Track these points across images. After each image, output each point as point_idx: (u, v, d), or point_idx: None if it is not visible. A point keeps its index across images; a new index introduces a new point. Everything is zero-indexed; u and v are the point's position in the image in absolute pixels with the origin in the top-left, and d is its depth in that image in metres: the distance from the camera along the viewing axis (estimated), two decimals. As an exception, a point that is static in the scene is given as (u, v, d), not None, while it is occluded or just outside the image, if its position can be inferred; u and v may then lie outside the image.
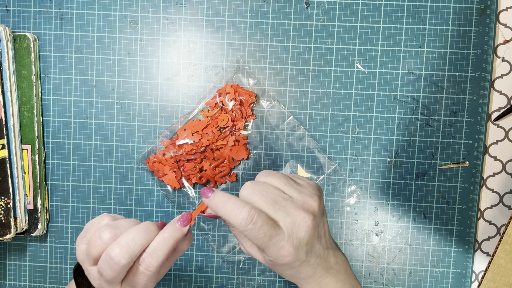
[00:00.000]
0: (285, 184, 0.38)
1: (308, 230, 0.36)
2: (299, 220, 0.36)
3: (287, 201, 0.37)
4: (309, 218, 0.36)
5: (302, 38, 0.51)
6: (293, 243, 0.36)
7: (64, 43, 0.52)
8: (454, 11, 0.50)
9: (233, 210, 0.35)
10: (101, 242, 0.34)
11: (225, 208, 0.35)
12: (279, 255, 0.36)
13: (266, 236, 0.35)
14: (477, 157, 0.51)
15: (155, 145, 0.52)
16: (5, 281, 0.54)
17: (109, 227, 0.35)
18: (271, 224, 0.35)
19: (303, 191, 0.38)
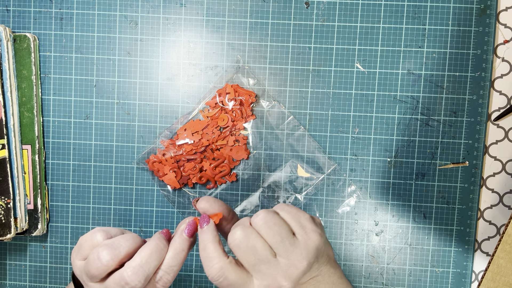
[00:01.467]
0: (277, 243, 0.35)
1: (300, 271, 0.35)
2: (275, 286, 0.35)
3: (270, 265, 0.35)
4: (288, 285, 0.35)
5: (302, 38, 0.51)
6: (286, 276, 0.35)
7: (64, 43, 0.52)
8: (454, 11, 0.50)
9: (208, 259, 0.35)
10: (101, 264, 0.33)
11: (203, 252, 0.36)
12: (267, 285, 0.35)
13: (253, 260, 0.35)
14: (477, 157, 0.51)
15: (155, 145, 0.52)
16: (5, 281, 0.54)
17: (107, 247, 0.34)
18: (240, 282, 0.35)
19: (294, 253, 0.36)
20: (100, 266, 0.34)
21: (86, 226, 0.54)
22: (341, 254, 0.53)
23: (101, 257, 0.33)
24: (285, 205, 0.38)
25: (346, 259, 0.53)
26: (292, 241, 0.36)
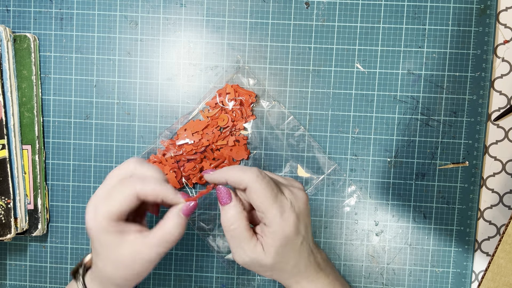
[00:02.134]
0: (278, 178, 0.41)
1: (305, 203, 0.39)
2: (296, 192, 0.39)
3: (281, 183, 0.39)
4: (303, 194, 0.39)
5: (302, 38, 0.51)
6: (295, 210, 0.38)
7: (64, 43, 0.52)
8: (454, 11, 0.50)
9: (242, 169, 0.37)
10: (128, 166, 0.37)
11: (233, 170, 0.37)
12: (284, 218, 0.37)
13: (273, 192, 0.37)
14: (477, 157, 0.51)
15: (155, 145, 0.52)
16: (5, 281, 0.55)
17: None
18: (276, 186, 0.38)
19: (289, 181, 0.41)
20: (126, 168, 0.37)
21: (86, 226, 0.54)
22: (341, 254, 0.53)
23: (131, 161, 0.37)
24: None
25: (346, 259, 0.53)
26: (288, 186, 0.40)
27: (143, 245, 0.37)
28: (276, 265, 0.39)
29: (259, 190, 0.36)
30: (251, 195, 0.37)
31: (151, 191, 0.36)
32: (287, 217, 0.37)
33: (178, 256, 0.54)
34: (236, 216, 0.37)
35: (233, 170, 0.37)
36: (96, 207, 0.36)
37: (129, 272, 0.37)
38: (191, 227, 0.53)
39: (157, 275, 0.54)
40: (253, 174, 0.36)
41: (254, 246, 0.38)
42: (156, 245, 0.37)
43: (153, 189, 0.36)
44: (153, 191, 0.36)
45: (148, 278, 0.54)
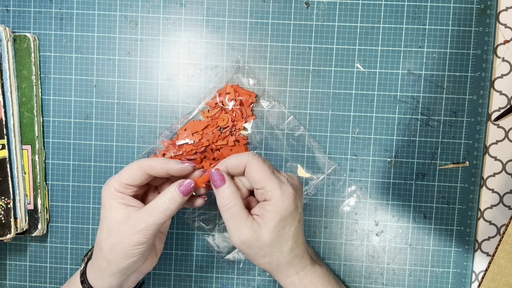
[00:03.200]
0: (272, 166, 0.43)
1: (299, 182, 0.42)
2: (291, 174, 0.42)
3: (276, 173, 0.41)
4: (296, 176, 0.42)
5: (302, 38, 0.51)
6: (292, 185, 0.40)
7: (64, 43, 0.52)
8: (454, 11, 0.50)
9: (238, 154, 0.40)
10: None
11: (230, 157, 0.40)
12: (283, 190, 0.39)
13: (270, 167, 0.40)
14: (477, 157, 0.51)
15: (155, 145, 0.52)
16: (5, 281, 0.54)
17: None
18: (271, 165, 0.41)
19: (283, 173, 0.42)
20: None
21: (86, 226, 0.54)
22: (341, 254, 0.53)
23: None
24: None
25: (346, 259, 0.53)
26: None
27: (136, 213, 0.39)
28: (274, 245, 0.39)
29: (256, 165, 0.39)
30: (250, 172, 0.39)
31: (155, 162, 0.40)
32: (286, 189, 0.39)
33: (178, 256, 0.54)
34: (231, 195, 0.39)
35: (230, 157, 0.41)
36: (110, 180, 0.41)
37: (120, 241, 0.39)
38: (191, 227, 0.53)
39: (157, 275, 0.54)
40: (249, 154, 0.40)
41: (251, 224, 0.39)
42: (147, 215, 0.39)
43: (157, 161, 0.40)
44: (157, 162, 0.40)
45: (148, 278, 0.54)
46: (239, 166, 0.40)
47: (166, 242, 0.53)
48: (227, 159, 0.41)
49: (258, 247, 0.39)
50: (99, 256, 0.41)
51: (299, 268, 0.42)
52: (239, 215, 0.39)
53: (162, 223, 0.39)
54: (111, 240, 0.39)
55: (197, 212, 0.53)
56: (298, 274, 0.42)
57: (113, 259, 0.39)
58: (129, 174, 0.40)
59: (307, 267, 0.43)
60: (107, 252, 0.40)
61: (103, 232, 0.40)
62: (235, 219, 0.39)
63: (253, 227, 0.39)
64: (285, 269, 0.41)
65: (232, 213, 0.39)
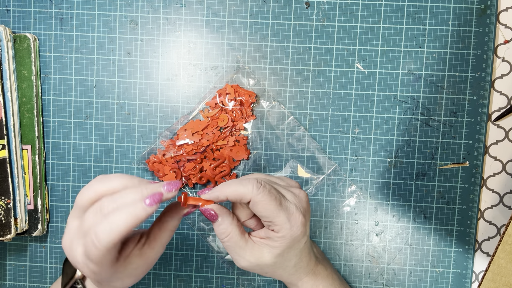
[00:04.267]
0: (280, 185, 0.40)
1: (307, 202, 0.39)
2: (297, 193, 0.39)
3: (284, 199, 0.38)
4: (303, 193, 0.39)
5: (302, 38, 0.51)
6: (301, 211, 0.38)
7: (64, 43, 0.52)
8: (454, 11, 0.50)
9: (241, 183, 0.36)
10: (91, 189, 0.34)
11: (232, 186, 0.36)
12: (292, 223, 0.37)
13: (277, 200, 0.36)
14: (477, 157, 0.51)
15: (155, 145, 0.52)
16: (5, 281, 0.54)
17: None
18: (278, 191, 0.37)
19: (294, 189, 0.40)
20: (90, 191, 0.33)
21: (86, 226, 0.53)
22: (341, 254, 0.53)
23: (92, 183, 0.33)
24: None
25: (346, 259, 0.53)
26: (287, 188, 0.40)
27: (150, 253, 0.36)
28: (277, 265, 0.39)
29: (262, 201, 0.36)
30: (255, 207, 0.37)
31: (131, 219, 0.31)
32: (295, 220, 0.37)
33: (178, 256, 0.54)
34: (227, 228, 0.38)
35: (231, 185, 0.36)
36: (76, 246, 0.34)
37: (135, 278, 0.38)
38: (191, 227, 0.53)
39: (157, 275, 0.54)
40: (253, 186, 0.36)
41: (251, 251, 0.38)
42: (158, 251, 0.37)
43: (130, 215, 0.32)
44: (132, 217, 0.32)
45: (148, 278, 0.54)
46: (242, 199, 0.36)
47: (166, 242, 0.53)
48: (229, 186, 0.36)
49: (260, 268, 0.39)
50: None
51: (302, 275, 0.42)
52: (237, 246, 0.38)
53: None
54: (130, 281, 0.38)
55: (197, 212, 0.53)
56: (301, 280, 0.42)
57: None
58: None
59: (310, 272, 0.43)
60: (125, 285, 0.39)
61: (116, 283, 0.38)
62: (234, 249, 0.38)
63: (254, 254, 0.38)
64: (287, 279, 0.42)
65: (230, 245, 0.38)
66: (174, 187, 0.33)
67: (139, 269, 0.36)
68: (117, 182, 0.33)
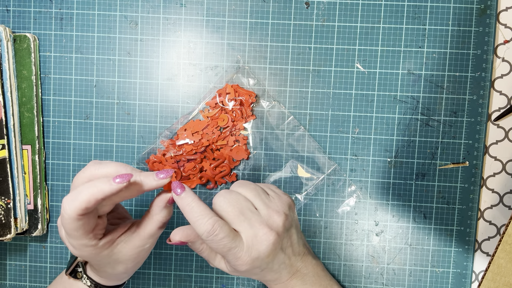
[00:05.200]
0: (255, 196, 0.39)
1: (269, 245, 0.37)
2: (261, 234, 0.37)
3: (253, 214, 0.38)
4: (271, 234, 0.37)
5: (302, 38, 0.51)
6: (251, 255, 0.37)
7: (64, 43, 0.52)
8: (454, 11, 0.50)
9: (198, 218, 0.36)
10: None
11: (192, 213, 0.36)
12: (237, 264, 0.37)
13: (225, 247, 0.36)
14: (477, 157, 0.51)
15: (155, 145, 0.52)
16: (5, 281, 0.54)
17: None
18: (232, 236, 0.36)
19: (271, 205, 0.39)
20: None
21: (86, 226, 0.54)
22: (341, 254, 0.53)
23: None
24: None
25: (346, 259, 0.53)
26: (267, 197, 0.40)
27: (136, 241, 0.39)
28: (236, 274, 0.41)
29: (209, 244, 0.37)
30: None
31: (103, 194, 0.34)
32: (241, 262, 0.37)
33: (178, 256, 0.54)
34: (197, 248, 0.40)
35: (192, 213, 0.36)
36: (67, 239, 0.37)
37: (125, 266, 0.40)
38: (191, 227, 0.53)
39: (157, 275, 0.54)
40: (205, 231, 0.36)
41: (218, 262, 0.41)
42: (146, 241, 0.39)
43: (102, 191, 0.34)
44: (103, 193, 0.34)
45: (148, 278, 0.54)
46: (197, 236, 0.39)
47: (166, 242, 0.53)
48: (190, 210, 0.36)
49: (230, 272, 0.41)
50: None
51: (273, 284, 0.42)
52: (208, 257, 0.41)
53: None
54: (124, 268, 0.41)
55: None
56: (277, 286, 0.42)
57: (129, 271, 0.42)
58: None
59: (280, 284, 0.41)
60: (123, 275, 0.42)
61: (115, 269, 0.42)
62: (207, 258, 0.41)
63: (220, 265, 0.41)
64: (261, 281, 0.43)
65: (204, 256, 0.41)
66: (165, 174, 0.36)
67: (127, 257, 0.39)
68: (111, 168, 0.36)
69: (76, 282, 0.43)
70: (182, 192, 0.36)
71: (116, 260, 0.39)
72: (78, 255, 0.37)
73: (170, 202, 0.38)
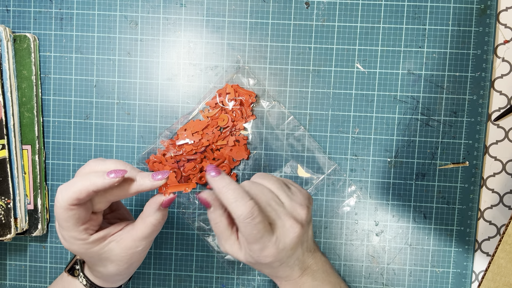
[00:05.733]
0: (279, 188, 0.39)
1: (294, 237, 0.37)
2: (288, 226, 0.37)
3: (279, 206, 0.38)
4: (297, 226, 0.37)
5: (302, 38, 0.51)
6: (278, 246, 0.37)
7: (64, 43, 0.52)
8: (454, 11, 0.50)
9: (237, 200, 0.35)
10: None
11: (229, 194, 0.36)
12: (262, 254, 0.37)
13: (259, 233, 0.36)
14: (477, 157, 0.51)
15: (155, 145, 0.52)
16: (5, 281, 0.54)
17: None
18: (266, 223, 0.36)
19: (294, 198, 0.39)
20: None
21: (86, 226, 0.54)
22: (341, 254, 0.53)
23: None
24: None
25: (346, 259, 0.53)
26: (289, 189, 0.39)
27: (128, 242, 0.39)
28: (250, 263, 0.40)
29: (243, 228, 0.36)
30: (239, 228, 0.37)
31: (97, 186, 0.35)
32: (267, 253, 0.37)
33: (178, 256, 0.54)
34: (216, 218, 0.39)
35: (229, 194, 0.36)
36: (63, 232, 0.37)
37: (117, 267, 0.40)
38: (191, 227, 0.53)
39: (157, 275, 0.54)
40: (244, 212, 0.35)
41: (231, 244, 0.39)
42: (138, 243, 0.39)
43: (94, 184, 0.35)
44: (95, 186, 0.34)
45: (148, 278, 0.54)
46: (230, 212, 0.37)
47: (166, 242, 0.53)
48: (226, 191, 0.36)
49: (238, 259, 0.40)
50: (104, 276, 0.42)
51: (281, 279, 0.41)
52: (221, 234, 0.39)
53: None
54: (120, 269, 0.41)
55: (197, 212, 0.53)
56: (281, 284, 0.41)
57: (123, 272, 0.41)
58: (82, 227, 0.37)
59: (291, 280, 0.41)
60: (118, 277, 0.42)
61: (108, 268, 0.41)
62: (219, 236, 0.40)
63: (232, 248, 0.39)
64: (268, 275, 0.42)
65: (217, 232, 0.40)
66: (162, 175, 0.36)
67: (118, 257, 0.38)
68: (111, 165, 0.36)
69: (73, 280, 0.43)
70: (217, 175, 0.36)
71: (107, 258, 0.39)
72: (67, 248, 0.38)
73: (164, 206, 0.38)
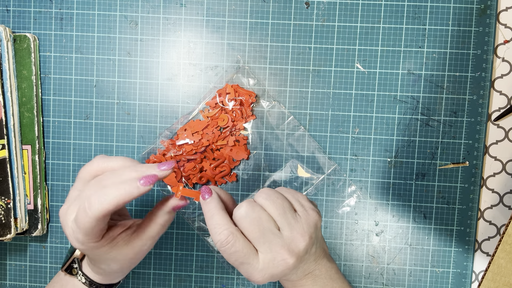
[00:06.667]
0: (280, 215, 0.37)
1: (285, 269, 0.36)
2: (280, 259, 0.36)
3: (274, 236, 0.36)
4: (291, 259, 0.36)
5: (302, 38, 0.51)
6: (264, 276, 0.36)
7: (64, 43, 0.52)
8: (454, 11, 0.50)
9: (215, 227, 0.36)
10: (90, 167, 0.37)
11: (211, 220, 0.36)
12: (247, 277, 0.37)
13: (237, 261, 0.36)
14: (477, 157, 0.51)
15: (155, 145, 0.52)
16: (5, 281, 0.54)
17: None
18: (246, 253, 0.36)
19: (296, 227, 0.37)
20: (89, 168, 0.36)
21: (86, 226, 0.53)
22: (341, 254, 0.53)
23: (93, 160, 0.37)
24: (284, 187, 0.40)
25: (346, 259, 0.53)
26: (294, 215, 0.37)
27: (136, 242, 0.38)
28: None
29: (222, 254, 0.36)
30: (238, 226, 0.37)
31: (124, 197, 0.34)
32: (252, 279, 0.37)
33: (178, 256, 0.54)
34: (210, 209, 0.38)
35: (211, 220, 0.36)
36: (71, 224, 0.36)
37: (120, 265, 0.40)
38: (191, 227, 0.53)
39: (157, 275, 0.54)
40: (218, 241, 0.35)
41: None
42: (145, 243, 0.38)
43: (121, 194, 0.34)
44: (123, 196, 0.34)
45: (148, 278, 0.54)
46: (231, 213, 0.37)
47: (166, 242, 0.53)
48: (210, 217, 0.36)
49: None
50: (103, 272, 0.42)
51: (286, 282, 0.41)
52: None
53: None
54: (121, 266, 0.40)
55: (197, 212, 0.53)
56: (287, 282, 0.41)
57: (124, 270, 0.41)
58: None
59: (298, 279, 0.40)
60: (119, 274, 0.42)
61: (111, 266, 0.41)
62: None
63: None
64: None
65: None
66: (167, 166, 0.36)
67: (124, 256, 0.38)
68: (118, 162, 0.36)
69: (72, 278, 0.43)
70: (208, 198, 0.37)
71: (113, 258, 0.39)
72: (78, 248, 0.37)
73: (175, 209, 0.38)
